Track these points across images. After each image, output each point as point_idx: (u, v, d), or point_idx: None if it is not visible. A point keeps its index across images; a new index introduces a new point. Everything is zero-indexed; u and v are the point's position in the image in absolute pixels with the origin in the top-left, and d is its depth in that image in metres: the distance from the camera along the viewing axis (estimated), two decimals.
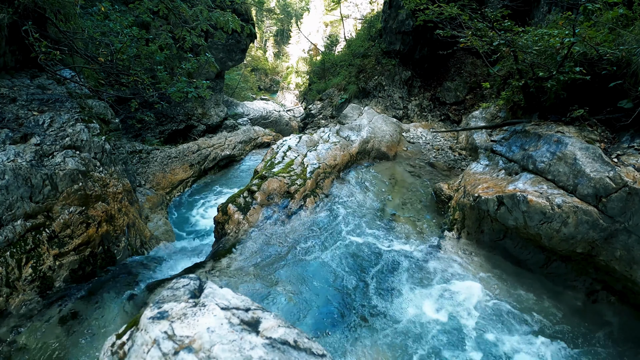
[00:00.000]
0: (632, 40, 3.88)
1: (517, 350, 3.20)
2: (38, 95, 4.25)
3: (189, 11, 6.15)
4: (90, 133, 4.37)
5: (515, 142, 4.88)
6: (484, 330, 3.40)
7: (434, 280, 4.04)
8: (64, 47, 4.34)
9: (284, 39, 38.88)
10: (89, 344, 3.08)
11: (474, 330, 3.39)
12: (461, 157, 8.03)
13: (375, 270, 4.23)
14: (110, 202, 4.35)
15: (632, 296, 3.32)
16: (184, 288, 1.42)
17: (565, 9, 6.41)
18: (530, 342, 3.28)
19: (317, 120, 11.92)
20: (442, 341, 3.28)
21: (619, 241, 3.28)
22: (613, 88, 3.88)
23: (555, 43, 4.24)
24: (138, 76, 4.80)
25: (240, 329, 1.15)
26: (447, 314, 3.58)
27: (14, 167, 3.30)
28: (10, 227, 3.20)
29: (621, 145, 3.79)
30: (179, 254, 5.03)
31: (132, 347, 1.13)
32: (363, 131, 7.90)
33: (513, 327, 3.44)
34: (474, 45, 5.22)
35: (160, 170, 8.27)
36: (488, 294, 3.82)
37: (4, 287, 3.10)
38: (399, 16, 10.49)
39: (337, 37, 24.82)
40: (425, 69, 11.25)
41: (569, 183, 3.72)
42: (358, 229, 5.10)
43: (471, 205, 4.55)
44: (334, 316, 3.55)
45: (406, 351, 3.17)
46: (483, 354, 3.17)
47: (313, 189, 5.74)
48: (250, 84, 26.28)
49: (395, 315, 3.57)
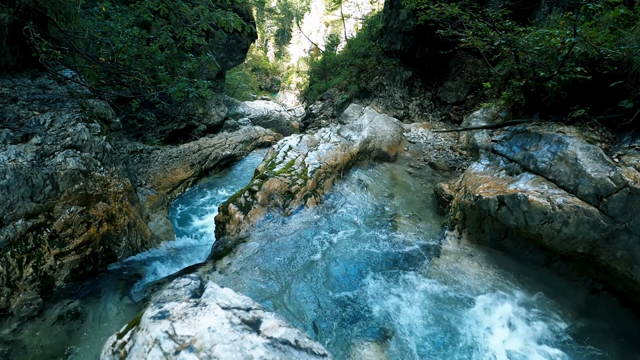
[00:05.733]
0: (633, 40, 3.87)
1: (519, 351, 3.20)
2: (39, 95, 4.26)
3: (190, 11, 6.15)
4: (91, 133, 4.37)
5: (516, 142, 4.88)
6: (484, 330, 3.40)
7: (435, 280, 4.04)
8: (64, 47, 4.34)
9: (284, 39, 38.87)
10: (90, 343, 3.08)
11: (473, 331, 3.39)
12: (462, 157, 8.03)
13: (375, 269, 4.23)
14: (111, 202, 4.35)
15: (633, 296, 3.32)
16: (185, 288, 1.42)
17: (566, 8, 6.40)
18: (530, 342, 3.28)
19: (318, 120, 11.92)
20: (444, 340, 3.28)
21: (619, 241, 3.27)
22: (614, 88, 3.87)
23: (556, 43, 4.23)
24: (139, 76, 4.80)
25: (241, 328, 1.15)
26: (447, 315, 3.58)
27: (15, 167, 3.31)
28: (11, 227, 3.20)
29: (622, 145, 3.78)
30: (179, 253, 5.03)
31: (133, 346, 1.14)
32: (364, 131, 7.90)
33: (513, 326, 3.43)
34: (475, 45, 5.21)
35: (161, 170, 8.28)
36: (488, 293, 3.82)
37: (5, 286, 3.10)
38: (400, 16, 10.48)
39: (338, 37, 24.82)
40: (426, 68, 11.24)
41: (569, 183, 3.72)
42: (359, 228, 5.10)
43: (472, 205, 4.55)
44: (334, 315, 3.55)
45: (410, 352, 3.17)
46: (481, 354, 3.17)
47: (314, 188, 5.74)
48: (251, 84, 26.28)
49: (394, 315, 3.57)
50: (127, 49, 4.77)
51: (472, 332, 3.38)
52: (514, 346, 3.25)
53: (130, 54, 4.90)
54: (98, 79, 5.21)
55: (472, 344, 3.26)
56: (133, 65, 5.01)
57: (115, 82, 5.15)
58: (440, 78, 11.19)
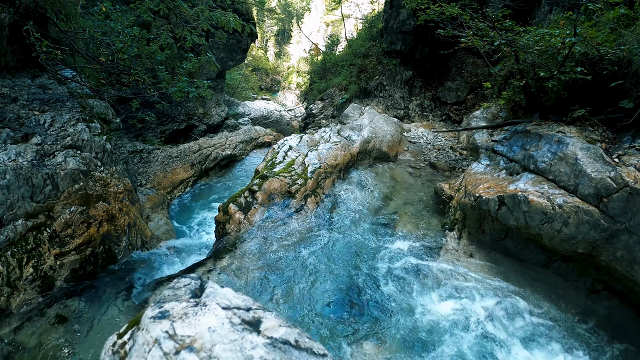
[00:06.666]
0: (633, 40, 3.87)
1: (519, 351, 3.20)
2: (39, 95, 4.26)
3: (190, 11, 6.16)
4: (92, 133, 4.37)
5: (516, 142, 4.88)
6: (484, 329, 3.40)
7: (435, 280, 4.04)
8: (65, 47, 4.34)
9: (285, 39, 38.87)
10: (90, 343, 3.08)
11: (473, 329, 3.39)
12: (462, 157, 8.03)
13: (376, 269, 4.23)
14: (111, 202, 4.35)
15: (633, 296, 3.32)
16: (185, 287, 1.42)
17: (567, 8, 6.40)
18: (531, 342, 3.28)
19: (318, 120, 11.92)
20: (445, 339, 3.28)
21: (620, 241, 3.27)
22: (614, 88, 3.87)
23: (557, 43, 4.23)
24: (139, 76, 4.81)
25: (242, 328, 1.15)
26: (448, 313, 3.58)
27: (15, 167, 3.31)
28: (12, 227, 3.20)
29: (622, 145, 3.78)
30: (180, 253, 5.03)
31: (133, 346, 1.14)
32: (364, 131, 7.90)
33: (514, 326, 3.43)
34: (475, 45, 5.21)
35: (161, 170, 8.28)
36: (489, 293, 3.82)
37: (5, 286, 3.11)
38: (400, 16, 10.48)
39: (338, 37, 24.83)
40: (426, 68, 11.24)
41: (570, 183, 3.72)
42: (359, 228, 5.10)
43: (472, 205, 4.55)
44: (334, 315, 3.55)
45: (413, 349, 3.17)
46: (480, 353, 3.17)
47: (314, 188, 5.74)
48: (251, 84, 26.28)
49: (396, 315, 3.57)
50: (127, 49, 4.77)
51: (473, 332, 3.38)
52: (514, 345, 3.25)
53: (131, 54, 4.90)
54: (98, 79, 5.22)
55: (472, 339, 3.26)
56: (133, 65, 5.01)
57: (115, 82, 5.15)
58: (440, 78, 11.19)
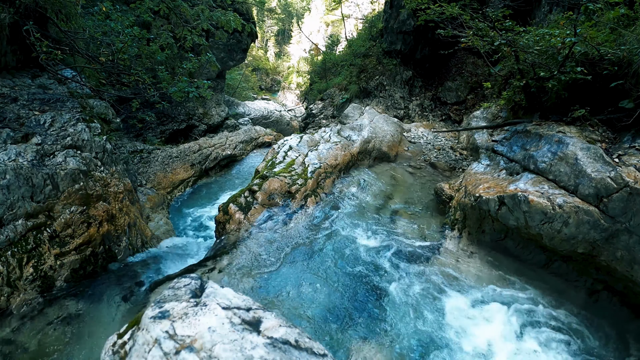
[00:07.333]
0: (634, 40, 3.87)
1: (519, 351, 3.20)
2: (39, 95, 4.26)
3: (190, 11, 6.16)
4: (92, 133, 4.37)
5: (516, 142, 4.88)
6: (485, 329, 3.40)
7: (435, 280, 4.03)
8: (65, 47, 4.34)
9: (285, 39, 38.87)
10: (90, 343, 3.08)
11: (474, 329, 3.39)
12: (462, 157, 8.03)
13: (376, 269, 4.23)
14: (111, 202, 4.35)
15: (633, 296, 3.32)
16: (185, 287, 1.42)
17: (567, 8, 6.40)
18: (530, 341, 3.28)
19: (318, 120, 11.92)
20: (445, 339, 3.28)
21: (620, 241, 3.27)
22: (614, 88, 3.87)
23: (557, 43, 4.23)
24: (139, 76, 4.81)
25: (242, 328, 1.15)
26: (448, 313, 3.58)
27: (15, 167, 3.31)
28: (12, 227, 3.20)
29: (622, 145, 3.78)
30: (180, 253, 5.03)
31: (134, 346, 1.14)
32: (364, 131, 7.89)
33: (515, 326, 3.43)
34: (475, 45, 5.21)
35: (162, 170, 8.28)
36: (489, 293, 3.82)
37: (5, 286, 3.11)
38: (400, 16, 10.48)
39: (338, 37, 24.82)
40: (427, 68, 11.24)
41: (570, 183, 3.71)
42: (359, 228, 5.09)
43: (472, 205, 4.55)
44: (334, 314, 3.54)
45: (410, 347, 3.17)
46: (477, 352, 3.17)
47: (314, 188, 5.73)
48: (251, 84, 26.30)
49: (395, 315, 3.57)
50: (127, 49, 4.77)
51: (472, 332, 3.38)
52: (514, 346, 3.25)
53: (131, 54, 4.90)
54: (98, 79, 5.22)
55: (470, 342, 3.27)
56: (133, 65, 5.01)
57: (115, 82, 5.15)
58: (440, 78, 11.19)
